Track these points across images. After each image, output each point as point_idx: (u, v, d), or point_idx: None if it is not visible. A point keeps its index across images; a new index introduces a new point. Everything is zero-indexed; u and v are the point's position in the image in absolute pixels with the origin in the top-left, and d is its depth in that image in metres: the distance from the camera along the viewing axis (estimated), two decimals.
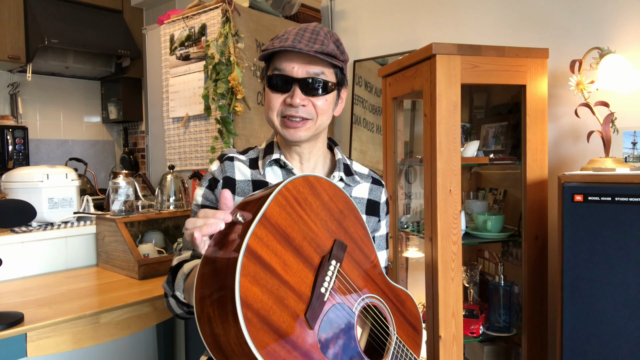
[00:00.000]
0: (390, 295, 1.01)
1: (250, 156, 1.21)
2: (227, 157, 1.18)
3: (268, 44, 1.09)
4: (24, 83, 4.02)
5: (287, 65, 1.06)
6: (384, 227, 1.27)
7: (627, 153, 1.80)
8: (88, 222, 2.06)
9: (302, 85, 1.06)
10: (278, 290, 0.75)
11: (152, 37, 3.10)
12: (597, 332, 1.43)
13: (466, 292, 2.03)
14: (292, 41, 1.04)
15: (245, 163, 1.19)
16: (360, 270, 0.94)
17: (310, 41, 1.05)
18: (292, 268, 0.79)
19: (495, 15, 2.27)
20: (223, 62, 2.36)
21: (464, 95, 1.76)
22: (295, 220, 0.83)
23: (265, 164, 1.16)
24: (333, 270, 0.87)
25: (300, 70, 1.06)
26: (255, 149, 1.24)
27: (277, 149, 1.18)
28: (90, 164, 4.09)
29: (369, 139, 2.80)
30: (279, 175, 1.18)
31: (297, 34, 1.06)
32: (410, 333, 1.03)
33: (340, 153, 1.23)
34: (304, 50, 1.03)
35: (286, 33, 1.08)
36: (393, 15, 2.72)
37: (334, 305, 0.85)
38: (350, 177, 1.20)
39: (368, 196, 1.22)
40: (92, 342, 1.38)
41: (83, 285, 1.70)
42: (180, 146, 2.73)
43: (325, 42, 1.06)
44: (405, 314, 1.04)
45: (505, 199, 2.12)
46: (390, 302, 1.00)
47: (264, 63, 1.14)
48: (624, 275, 1.39)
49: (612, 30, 1.88)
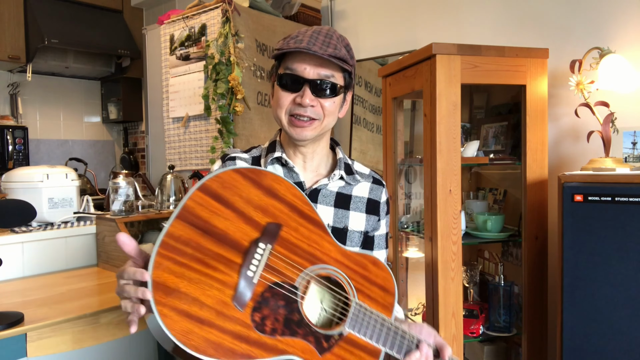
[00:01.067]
0: (349, 263, 1.02)
1: (253, 154, 1.23)
2: (229, 157, 1.21)
3: (282, 44, 1.11)
4: (24, 83, 4.02)
5: (300, 65, 1.09)
6: (383, 226, 1.28)
7: (627, 153, 1.80)
8: (88, 222, 2.06)
9: (312, 86, 1.09)
10: (198, 282, 0.81)
11: (152, 37, 3.10)
12: (597, 332, 1.43)
13: (466, 292, 2.03)
14: (307, 43, 1.07)
15: (248, 161, 1.20)
16: (305, 245, 0.96)
17: (324, 44, 1.08)
18: (215, 258, 0.84)
19: (495, 15, 2.27)
20: (223, 62, 2.36)
21: (464, 95, 1.76)
22: (218, 212, 0.86)
23: (267, 162, 1.18)
24: (262, 253, 0.90)
25: (312, 72, 1.09)
26: (259, 147, 1.26)
27: (279, 147, 1.20)
28: (90, 164, 4.09)
29: (369, 139, 2.80)
30: (280, 173, 1.19)
31: (312, 37, 1.09)
32: (379, 294, 1.04)
33: (341, 152, 1.25)
34: (319, 52, 1.06)
35: (300, 34, 1.11)
36: (393, 15, 2.72)
37: (270, 285, 0.89)
38: (351, 176, 1.22)
39: (368, 195, 1.24)
40: (92, 342, 1.38)
41: (83, 285, 1.70)
42: (180, 146, 2.73)
43: (337, 47, 1.09)
44: (370, 277, 1.04)
45: (505, 199, 2.12)
46: (349, 270, 1.01)
47: (275, 61, 1.16)
48: (624, 275, 1.39)
49: (612, 30, 1.88)
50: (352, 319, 0.98)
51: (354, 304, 0.99)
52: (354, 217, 1.21)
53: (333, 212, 1.20)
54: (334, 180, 1.19)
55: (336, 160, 1.24)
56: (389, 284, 1.06)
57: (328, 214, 1.19)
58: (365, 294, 1.01)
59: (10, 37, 3.61)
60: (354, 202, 1.22)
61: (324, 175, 1.22)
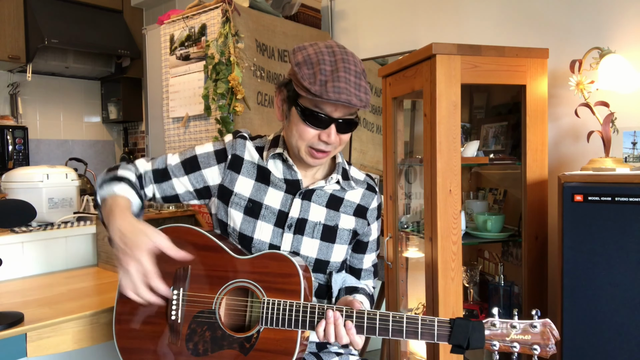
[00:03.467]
0: (252, 268, 1.12)
1: (257, 144, 1.26)
2: (241, 135, 1.25)
3: (317, 85, 1.04)
4: (24, 83, 4.02)
5: (332, 110, 1.09)
6: (374, 231, 1.33)
7: (627, 153, 1.80)
8: (88, 222, 2.06)
9: (338, 126, 1.12)
10: (141, 334, 1.15)
11: (152, 37, 3.10)
12: (597, 332, 1.43)
13: (466, 292, 2.03)
14: (347, 95, 1.03)
15: (254, 148, 1.25)
16: (213, 272, 1.14)
17: (358, 90, 1.06)
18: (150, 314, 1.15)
19: (495, 15, 2.27)
20: (223, 62, 2.35)
21: (464, 95, 1.76)
22: None
23: (269, 156, 1.22)
24: (177, 297, 1.13)
25: (340, 113, 1.10)
26: (264, 138, 1.29)
27: (282, 144, 1.23)
28: (90, 164, 4.09)
29: (369, 139, 2.80)
30: (281, 170, 1.23)
31: (346, 80, 1.04)
32: (283, 282, 1.10)
33: (341, 157, 1.28)
34: (359, 105, 1.06)
35: (333, 75, 1.05)
36: (393, 15, 2.72)
37: (193, 316, 1.12)
38: (347, 182, 1.26)
39: (359, 201, 1.28)
40: (92, 342, 1.38)
41: (83, 285, 1.70)
42: (180, 146, 2.73)
43: (367, 90, 1.09)
44: (272, 272, 1.11)
45: (505, 199, 2.12)
46: (254, 274, 1.12)
47: (293, 84, 1.11)
48: (624, 275, 1.39)
49: (612, 30, 1.88)
50: (264, 316, 1.07)
51: (264, 302, 1.08)
52: (343, 218, 1.25)
53: (325, 212, 1.23)
54: (331, 183, 1.23)
55: (334, 164, 1.27)
56: (289, 268, 1.11)
57: (320, 213, 1.22)
58: (273, 288, 1.10)
59: (10, 37, 3.61)
60: (345, 205, 1.25)
61: (321, 177, 1.26)
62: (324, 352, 1.26)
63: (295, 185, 1.21)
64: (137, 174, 1.23)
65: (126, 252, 1.03)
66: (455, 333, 0.99)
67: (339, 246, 1.24)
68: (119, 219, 1.07)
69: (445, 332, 1.00)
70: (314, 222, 1.21)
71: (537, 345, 0.97)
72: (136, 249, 1.02)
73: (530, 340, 0.98)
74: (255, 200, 1.20)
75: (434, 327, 1.01)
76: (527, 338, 0.99)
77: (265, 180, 1.22)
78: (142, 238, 1.03)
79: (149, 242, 1.03)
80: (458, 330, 0.99)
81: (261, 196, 1.21)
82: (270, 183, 1.22)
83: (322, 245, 1.22)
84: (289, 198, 1.21)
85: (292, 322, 1.06)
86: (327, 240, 1.22)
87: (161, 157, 1.27)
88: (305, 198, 1.21)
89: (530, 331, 0.99)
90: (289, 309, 1.07)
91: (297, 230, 1.20)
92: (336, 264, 1.25)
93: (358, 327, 1.03)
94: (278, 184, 1.21)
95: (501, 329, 1.00)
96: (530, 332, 0.99)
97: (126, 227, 1.05)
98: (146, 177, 1.24)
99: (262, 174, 1.22)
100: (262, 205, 1.20)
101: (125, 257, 1.03)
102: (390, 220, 2.16)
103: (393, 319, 1.02)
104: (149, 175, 1.24)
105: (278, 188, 1.21)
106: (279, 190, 1.21)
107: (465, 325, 0.99)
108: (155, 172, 1.24)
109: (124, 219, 1.07)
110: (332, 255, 1.23)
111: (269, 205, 1.20)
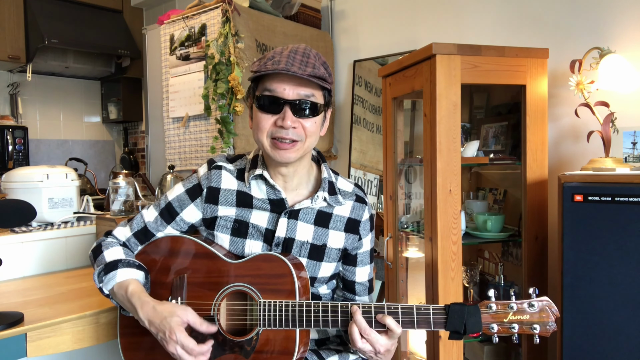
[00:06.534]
0: (246, 272, 1.13)
1: (238, 166, 1.24)
2: (216, 165, 1.23)
3: (258, 65, 1.09)
4: (24, 83, 4.02)
5: (279, 86, 1.08)
6: (366, 244, 1.29)
7: (627, 153, 1.80)
8: (88, 222, 2.06)
9: (292, 107, 1.09)
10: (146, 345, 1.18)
11: (152, 37, 3.10)
12: (597, 332, 1.43)
13: (466, 292, 2.03)
14: (285, 64, 1.05)
15: (233, 173, 1.22)
16: (208, 279, 1.15)
17: (302, 64, 1.07)
18: None
19: (495, 15, 2.27)
20: (223, 62, 2.35)
21: (464, 95, 1.76)
22: None
23: (250, 177, 1.19)
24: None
25: (292, 92, 1.08)
26: (244, 158, 1.26)
27: (261, 164, 1.20)
28: (90, 164, 4.09)
29: (369, 139, 2.80)
30: (264, 191, 1.21)
31: (289, 57, 1.07)
32: (278, 283, 1.11)
33: (326, 170, 1.24)
34: (298, 73, 1.05)
35: (276, 55, 1.09)
36: (393, 15, 2.72)
37: None
38: (334, 197, 1.22)
39: (349, 215, 1.25)
40: (92, 342, 1.38)
41: (83, 285, 1.70)
42: (180, 146, 2.73)
43: (316, 65, 1.08)
44: (265, 273, 1.12)
45: (505, 199, 2.12)
46: (248, 277, 1.13)
47: (251, 82, 1.15)
48: (624, 275, 1.39)
49: (612, 30, 1.88)
50: (262, 318, 1.08)
51: (260, 304, 1.09)
52: (332, 236, 1.22)
53: (313, 229, 1.20)
54: (316, 202, 1.19)
55: (320, 178, 1.23)
56: (281, 269, 1.11)
57: (308, 231, 1.20)
58: (268, 289, 1.11)
59: (10, 37, 3.61)
60: (334, 221, 1.22)
61: (306, 196, 1.22)
62: (323, 349, 1.26)
63: (280, 205, 1.19)
64: (120, 244, 1.24)
65: (164, 339, 1.06)
66: (451, 319, 0.98)
67: (327, 264, 1.23)
68: (140, 310, 1.10)
69: (441, 319, 1.00)
70: (301, 242, 1.19)
71: (537, 324, 0.95)
72: (171, 333, 1.05)
73: (529, 319, 0.96)
74: (241, 220, 1.20)
75: (429, 314, 1.00)
76: (526, 318, 0.96)
77: (247, 204, 1.20)
78: (172, 320, 1.06)
79: (179, 320, 1.06)
80: (454, 316, 0.98)
81: (247, 216, 1.20)
82: (253, 207, 1.20)
83: (309, 263, 1.21)
84: (275, 217, 1.19)
85: (290, 322, 1.07)
86: (315, 259, 1.21)
87: (136, 216, 1.27)
88: (291, 217, 1.19)
89: (528, 311, 0.97)
90: (286, 309, 1.08)
91: (285, 249, 1.19)
92: (324, 279, 1.24)
93: None
94: (262, 206, 1.20)
95: (498, 311, 0.98)
96: (529, 311, 0.97)
97: (152, 316, 1.08)
98: (131, 242, 1.24)
99: (242, 200, 1.20)
100: (249, 224, 1.19)
101: (164, 343, 1.07)
102: (390, 220, 2.16)
103: (388, 310, 1.03)
104: (132, 240, 1.24)
105: (262, 209, 1.20)
106: (264, 211, 1.20)
107: (461, 311, 0.98)
108: (136, 235, 1.24)
109: (145, 308, 1.10)
110: (319, 272, 1.22)
111: (255, 224, 1.19)
